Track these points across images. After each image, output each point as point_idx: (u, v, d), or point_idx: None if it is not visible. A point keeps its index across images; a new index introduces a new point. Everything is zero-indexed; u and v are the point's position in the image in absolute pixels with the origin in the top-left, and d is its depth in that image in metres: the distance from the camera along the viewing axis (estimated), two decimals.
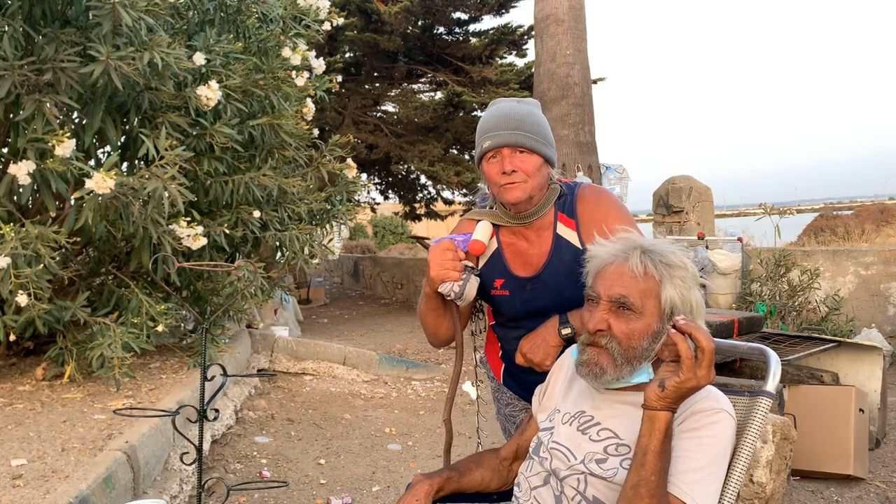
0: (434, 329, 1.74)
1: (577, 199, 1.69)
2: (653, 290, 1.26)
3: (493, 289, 1.73)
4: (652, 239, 1.35)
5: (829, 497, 3.09)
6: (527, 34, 10.62)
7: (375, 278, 13.17)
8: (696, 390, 1.12)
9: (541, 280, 1.67)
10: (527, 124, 1.60)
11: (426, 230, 16.55)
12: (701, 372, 1.09)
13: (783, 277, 5.51)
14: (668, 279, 1.26)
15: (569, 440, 1.35)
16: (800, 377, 3.49)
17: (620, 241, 1.35)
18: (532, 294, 1.68)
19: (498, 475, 1.55)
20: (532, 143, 1.60)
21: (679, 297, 1.26)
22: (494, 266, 1.72)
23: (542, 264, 1.68)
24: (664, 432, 1.12)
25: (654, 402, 1.12)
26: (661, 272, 1.27)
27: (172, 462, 2.88)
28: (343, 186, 4.44)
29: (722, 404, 1.24)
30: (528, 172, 1.59)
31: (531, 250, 1.70)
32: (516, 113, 1.62)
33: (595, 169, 7.82)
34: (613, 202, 1.70)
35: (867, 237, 10.19)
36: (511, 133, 1.59)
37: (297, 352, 5.30)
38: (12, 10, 2.78)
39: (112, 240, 3.39)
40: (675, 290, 1.26)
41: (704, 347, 1.08)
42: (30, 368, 3.62)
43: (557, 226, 1.68)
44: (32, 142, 2.78)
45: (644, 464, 1.13)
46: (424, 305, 1.70)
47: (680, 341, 1.09)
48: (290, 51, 3.59)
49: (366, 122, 11.20)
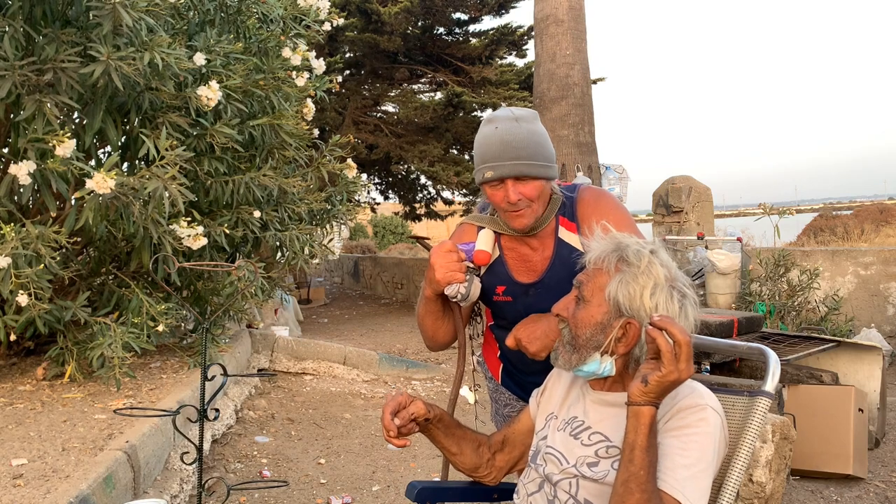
0: (432, 332, 1.74)
1: (577, 201, 1.69)
2: (603, 283, 1.30)
3: (496, 295, 1.72)
4: (643, 240, 1.36)
5: (829, 497, 3.09)
6: (527, 34, 10.62)
7: (375, 278, 13.17)
8: (678, 384, 1.14)
9: (543, 285, 1.67)
10: (528, 151, 1.58)
11: (426, 230, 16.54)
12: (681, 365, 1.12)
13: (783, 277, 5.52)
14: (617, 276, 1.28)
15: (562, 445, 1.37)
16: (799, 377, 3.50)
17: (612, 238, 1.36)
18: (535, 299, 1.68)
19: (476, 456, 1.54)
20: (535, 171, 1.58)
21: (626, 296, 1.26)
22: (496, 273, 1.72)
23: (544, 269, 1.68)
24: (649, 427, 1.15)
25: (638, 397, 1.15)
26: (618, 268, 1.29)
27: (173, 462, 2.89)
28: (343, 186, 4.44)
29: (706, 400, 1.25)
30: (532, 198, 1.60)
31: (533, 256, 1.70)
32: (516, 139, 1.57)
33: (595, 169, 7.82)
34: (613, 203, 1.70)
35: (866, 237, 10.20)
36: (514, 164, 1.57)
37: (297, 352, 5.30)
38: (13, 11, 2.78)
39: (112, 240, 3.40)
40: (625, 287, 1.27)
41: (681, 341, 1.11)
42: (30, 368, 3.62)
43: (559, 230, 1.68)
44: (33, 142, 2.78)
45: (632, 459, 1.14)
46: (423, 309, 1.70)
47: (658, 336, 1.12)
48: (290, 51, 3.59)
49: (366, 123, 11.20)
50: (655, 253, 1.31)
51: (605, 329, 1.28)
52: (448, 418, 1.54)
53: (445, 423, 1.53)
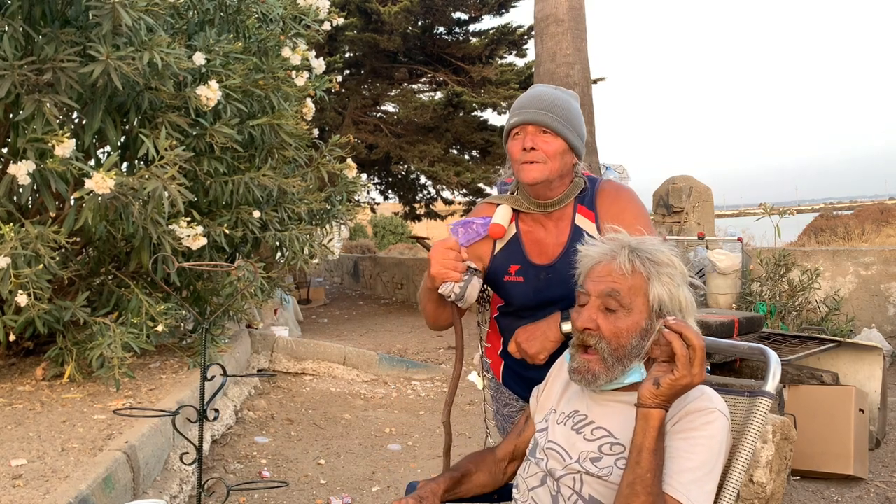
0: (434, 317, 1.73)
1: (598, 192, 1.70)
2: (641, 287, 1.27)
3: (508, 275, 1.71)
4: (639, 237, 1.36)
5: (830, 497, 3.08)
6: (527, 34, 10.62)
7: (375, 278, 13.17)
8: (689, 388, 1.14)
9: (555, 269, 1.66)
10: (556, 108, 1.60)
11: (426, 230, 16.54)
12: (694, 370, 1.11)
13: (783, 277, 5.51)
14: (655, 276, 1.27)
15: (564, 440, 1.35)
16: (800, 377, 3.49)
17: (610, 240, 1.35)
18: (546, 283, 1.67)
19: (494, 478, 1.55)
20: (557, 125, 1.59)
21: (667, 295, 1.27)
22: (511, 251, 1.71)
23: (558, 254, 1.67)
24: (658, 430, 1.14)
25: (649, 399, 1.14)
26: (649, 269, 1.28)
27: (172, 462, 2.88)
28: (343, 186, 4.44)
29: (715, 404, 1.25)
30: (548, 154, 1.59)
31: (549, 239, 1.69)
32: (549, 95, 1.63)
33: (595, 169, 7.82)
34: (632, 198, 1.71)
35: (867, 237, 10.19)
36: (538, 112, 1.59)
37: (297, 352, 5.30)
38: (12, 10, 2.78)
39: (112, 240, 3.39)
40: (664, 287, 1.27)
41: (695, 345, 1.10)
42: (30, 368, 3.62)
43: (576, 216, 1.68)
44: (32, 142, 2.78)
45: (639, 462, 1.14)
46: (425, 297, 1.70)
47: (674, 339, 1.11)
48: (289, 51, 3.59)
49: (366, 122, 11.20)
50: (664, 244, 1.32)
51: (648, 334, 1.26)
52: (451, 481, 1.48)
53: (462, 474, 1.50)
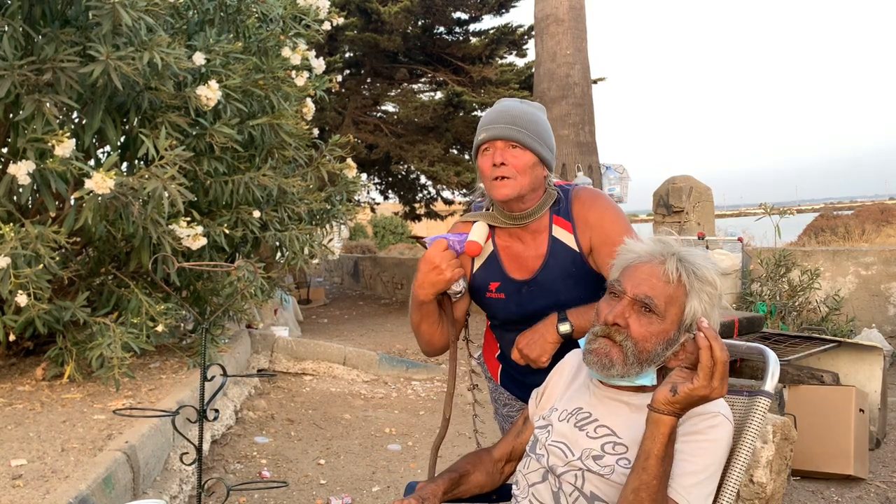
0: (429, 336, 1.73)
1: (573, 200, 1.68)
2: (679, 298, 1.26)
3: (489, 291, 1.71)
4: (688, 248, 1.34)
5: (830, 497, 3.08)
6: (527, 34, 10.62)
7: (375, 278, 13.17)
8: (706, 400, 1.11)
9: (536, 283, 1.67)
10: (524, 121, 1.60)
11: (426, 230, 16.53)
12: (714, 383, 1.08)
13: (783, 277, 5.51)
14: (696, 292, 1.26)
15: (566, 436, 1.35)
16: (800, 377, 3.49)
17: (659, 243, 1.33)
18: (528, 297, 1.67)
19: (491, 478, 1.54)
20: (526, 139, 1.59)
21: (702, 313, 1.26)
22: (490, 269, 1.71)
23: (537, 267, 1.67)
24: (668, 437, 1.12)
25: (663, 406, 1.12)
26: (692, 283, 1.27)
27: (172, 462, 2.88)
28: (343, 186, 4.43)
29: (720, 408, 1.25)
30: (518, 168, 1.58)
31: (527, 253, 1.69)
32: (516, 109, 1.63)
33: (595, 169, 7.82)
34: (608, 203, 1.70)
35: (867, 237, 10.18)
36: (506, 127, 1.59)
37: (297, 352, 5.30)
38: (12, 10, 2.78)
39: (112, 240, 3.39)
40: (701, 304, 1.26)
41: (719, 358, 1.08)
42: (29, 368, 3.62)
43: (553, 228, 1.67)
44: (32, 142, 2.78)
45: (646, 468, 1.12)
46: (418, 315, 1.69)
47: (705, 348, 1.08)
48: (289, 51, 3.59)
49: (366, 122, 11.20)
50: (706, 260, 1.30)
51: (672, 344, 1.26)
52: (450, 482, 1.48)
53: (452, 489, 1.49)
